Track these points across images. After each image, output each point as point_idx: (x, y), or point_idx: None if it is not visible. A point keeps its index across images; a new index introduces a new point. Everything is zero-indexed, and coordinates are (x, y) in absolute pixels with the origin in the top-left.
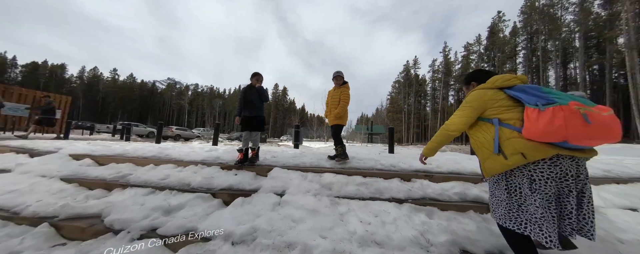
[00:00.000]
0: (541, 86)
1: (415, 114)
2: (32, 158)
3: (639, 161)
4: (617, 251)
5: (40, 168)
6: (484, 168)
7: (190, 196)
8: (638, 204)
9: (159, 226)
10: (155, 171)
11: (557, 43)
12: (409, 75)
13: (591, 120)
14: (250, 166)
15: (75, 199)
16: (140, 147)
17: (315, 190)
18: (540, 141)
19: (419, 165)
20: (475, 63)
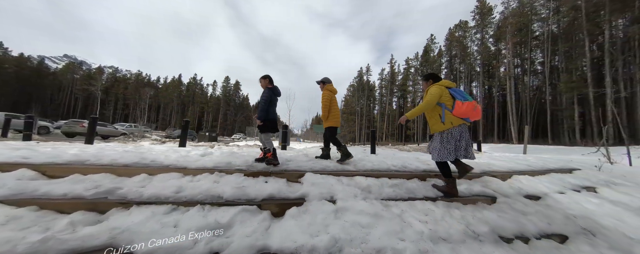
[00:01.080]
0: (459, 90)
1: (366, 116)
2: None
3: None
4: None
5: None
6: (433, 130)
7: (233, 211)
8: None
9: (220, 249)
10: (158, 183)
11: (466, 66)
12: (362, 81)
13: (474, 108)
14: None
15: (50, 228)
16: (94, 152)
17: (358, 193)
18: (459, 117)
19: (424, 165)
20: (412, 75)
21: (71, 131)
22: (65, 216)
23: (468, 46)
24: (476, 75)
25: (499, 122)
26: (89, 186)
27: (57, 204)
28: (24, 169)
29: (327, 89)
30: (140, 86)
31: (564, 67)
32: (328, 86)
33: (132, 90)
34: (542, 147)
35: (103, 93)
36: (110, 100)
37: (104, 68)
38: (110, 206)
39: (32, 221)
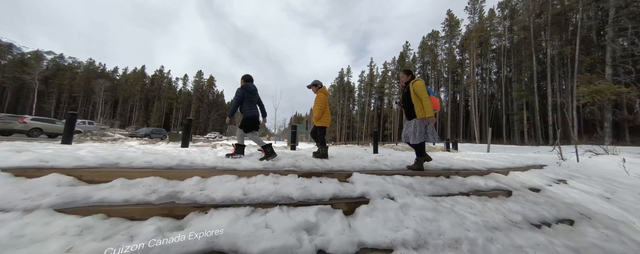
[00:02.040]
0: (430, 88)
1: (346, 116)
2: None
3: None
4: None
5: None
6: (420, 117)
7: (311, 210)
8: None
9: (324, 247)
10: (217, 185)
11: (435, 72)
12: (342, 82)
13: (438, 102)
14: (327, 172)
15: (137, 236)
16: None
17: (407, 191)
18: (434, 109)
19: (440, 164)
20: (389, 79)
21: (7, 129)
22: (141, 223)
23: (438, 54)
24: (444, 81)
25: (464, 123)
26: (147, 191)
27: (126, 211)
28: (56, 174)
29: (322, 92)
30: (92, 77)
31: (515, 78)
32: (322, 89)
33: (81, 82)
34: (500, 146)
35: (42, 83)
36: (52, 92)
37: (43, 54)
38: (187, 211)
39: (109, 229)
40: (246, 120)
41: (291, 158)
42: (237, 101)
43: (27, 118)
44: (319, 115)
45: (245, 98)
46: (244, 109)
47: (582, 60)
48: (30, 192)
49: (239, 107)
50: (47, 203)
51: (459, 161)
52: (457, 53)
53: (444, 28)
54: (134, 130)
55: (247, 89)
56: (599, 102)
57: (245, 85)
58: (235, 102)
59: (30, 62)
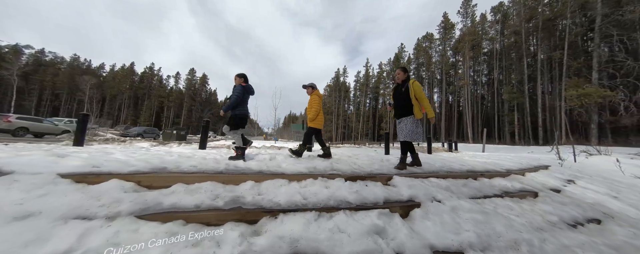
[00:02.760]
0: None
1: (342, 116)
2: None
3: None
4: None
5: (52, 208)
6: (417, 117)
7: (373, 214)
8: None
9: (401, 250)
10: (273, 189)
11: (429, 73)
12: (338, 82)
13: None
14: (369, 176)
15: (223, 242)
16: (147, 157)
17: (448, 194)
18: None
19: (465, 166)
20: (384, 79)
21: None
22: (221, 228)
23: (432, 56)
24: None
25: (456, 124)
26: (211, 196)
27: (201, 216)
28: (116, 180)
29: (317, 94)
30: (76, 73)
31: (506, 80)
32: (317, 92)
33: (64, 78)
34: (493, 146)
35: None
36: (33, 88)
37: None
38: (258, 216)
39: (194, 235)
40: (236, 118)
41: (328, 162)
42: (237, 99)
43: (12, 117)
44: (313, 117)
45: (244, 99)
46: (237, 107)
47: (569, 64)
48: (102, 199)
49: (236, 103)
50: (126, 210)
51: (473, 162)
52: (451, 55)
53: (439, 30)
54: (124, 129)
55: (248, 90)
56: (586, 104)
57: (246, 86)
58: (235, 99)
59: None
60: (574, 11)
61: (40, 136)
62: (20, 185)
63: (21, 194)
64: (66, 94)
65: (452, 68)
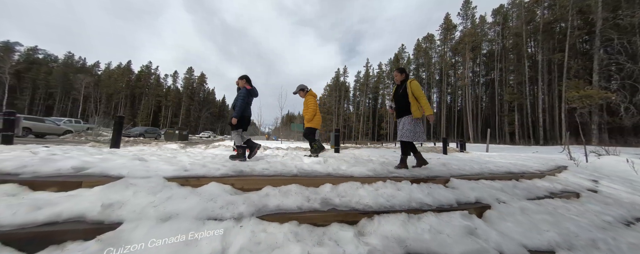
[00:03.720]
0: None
1: (342, 116)
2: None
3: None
4: None
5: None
6: (415, 116)
7: (456, 215)
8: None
9: (502, 250)
10: (352, 191)
11: (428, 74)
12: (338, 81)
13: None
14: (429, 178)
15: (341, 241)
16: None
17: (509, 196)
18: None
19: (502, 168)
20: (384, 79)
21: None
22: (330, 229)
23: (432, 56)
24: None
25: (457, 123)
26: (302, 198)
27: (308, 217)
28: (216, 183)
29: (311, 95)
30: (70, 72)
31: (506, 81)
32: (310, 92)
33: (58, 76)
34: (495, 146)
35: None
36: (26, 87)
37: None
38: (356, 217)
39: (312, 235)
40: (244, 120)
41: (363, 165)
42: (244, 102)
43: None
44: (310, 117)
45: (248, 101)
46: (245, 110)
47: (570, 66)
48: (218, 201)
49: (244, 108)
50: (246, 212)
51: (500, 163)
52: (450, 56)
53: (440, 31)
54: (126, 129)
55: (251, 93)
56: (588, 105)
57: (251, 90)
58: (243, 103)
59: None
60: (574, 14)
61: (42, 136)
62: (139, 188)
63: (149, 197)
64: (60, 93)
65: (451, 68)
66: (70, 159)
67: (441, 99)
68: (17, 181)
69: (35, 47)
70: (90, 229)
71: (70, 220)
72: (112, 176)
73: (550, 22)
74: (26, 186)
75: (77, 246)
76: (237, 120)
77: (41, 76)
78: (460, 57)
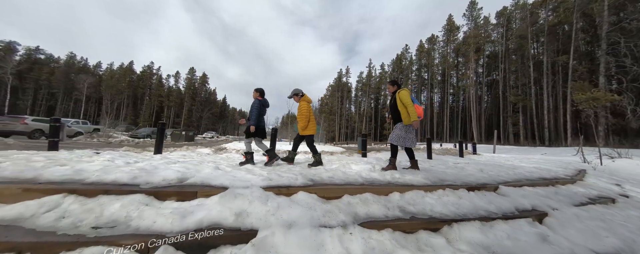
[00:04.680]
0: (413, 96)
1: (345, 116)
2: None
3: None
4: None
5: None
6: (405, 122)
7: (522, 222)
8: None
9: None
10: (421, 199)
11: (430, 74)
12: (340, 82)
13: (422, 110)
14: (480, 186)
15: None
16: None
17: (556, 203)
18: (420, 116)
19: (534, 173)
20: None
21: (6, 130)
22: (420, 235)
23: (435, 57)
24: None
25: (461, 125)
26: (384, 207)
27: (397, 225)
28: (303, 192)
29: (305, 100)
30: (73, 72)
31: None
32: (305, 97)
33: (60, 77)
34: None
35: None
36: (28, 87)
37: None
38: (438, 224)
39: (407, 243)
40: (259, 129)
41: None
42: (257, 112)
43: (27, 119)
44: (304, 125)
45: (260, 112)
46: (259, 120)
47: (575, 68)
48: (317, 210)
49: (257, 117)
50: (348, 220)
51: (524, 167)
52: (452, 57)
53: (444, 32)
54: (136, 132)
55: (263, 104)
56: (594, 108)
57: (263, 101)
58: (256, 113)
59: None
60: (578, 17)
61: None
62: (249, 198)
63: (263, 206)
64: (62, 93)
65: (454, 69)
66: (167, 170)
67: (444, 100)
68: (143, 191)
69: (37, 47)
70: (232, 236)
71: (211, 227)
72: (215, 186)
73: (554, 25)
74: (152, 196)
75: (233, 250)
76: (248, 127)
77: (43, 76)
78: (463, 58)
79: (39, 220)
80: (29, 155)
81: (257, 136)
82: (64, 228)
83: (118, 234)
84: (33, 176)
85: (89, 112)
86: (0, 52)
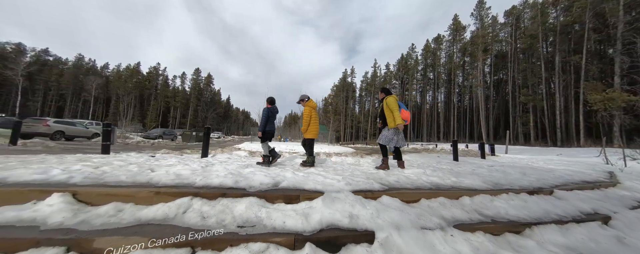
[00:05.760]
0: (401, 102)
1: (350, 116)
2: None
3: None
4: None
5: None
6: (390, 126)
7: (595, 225)
8: None
9: None
10: (490, 203)
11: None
12: (345, 82)
13: (408, 115)
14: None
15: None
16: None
17: (611, 205)
18: (403, 120)
19: (563, 178)
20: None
21: (30, 132)
22: (506, 238)
23: (441, 57)
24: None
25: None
26: (462, 210)
27: (485, 228)
28: (387, 196)
29: (309, 105)
30: (81, 73)
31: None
32: (309, 102)
33: (69, 78)
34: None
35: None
36: (38, 88)
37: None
38: (518, 228)
39: (501, 245)
40: (265, 133)
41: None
42: (265, 119)
43: (49, 121)
44: (305, 128)
45: (269, 118)
46: (266, 125)
47: (588, 68)
48: (409, 213)
49: (265, 123)
50: (443, 223)
51: (558, 170)
52: (458, 57)
53: (450, 32)
54: (149, 133)
55: (271, 111)
56: (610, 108)
57: (271, 108)
58: (265, 119)
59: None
60: (591, 17)
61: (71, 139)
62: (347, 201)
63: (364, 209)
64: (71, 94)
65: (461, 69)
66: (256, 175)
67: (449, 99)
68: (254, 195)
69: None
70: (352, 236)
71: (329, 228)
72: (309, 190)
73: (567, 24)
74: (264, 199)
75: (362, 249)
76: (262, 134)
77: (53, 78)
78: (469, 58)
79: (185, 220)
80: (108, 159)
81: (267, 140)
82: (213, 226)
83: (264, 233)
84: (146, 181)
85: (97, 112)
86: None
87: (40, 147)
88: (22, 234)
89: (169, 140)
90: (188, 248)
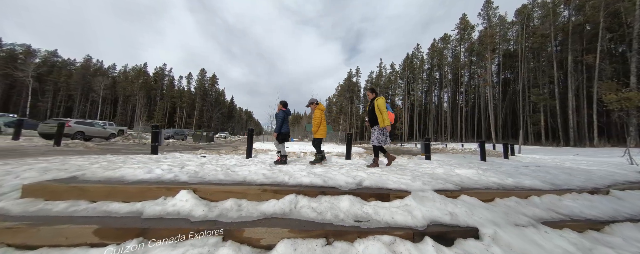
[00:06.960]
0: (388, 104)
1: (355, 116)
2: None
3: None
4: None
5: None
6: (381, 126)
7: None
8: None
9: None
10: (558, 202)
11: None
12: (350, 82)
13: (394, 116)
14: None
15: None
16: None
17: None
18: (391, 121)
19: (605, 180)
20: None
21: (52, 133)
22: (592, 234)
23: (447, 56)
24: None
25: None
26: (536, 210)
27: (571, 226)
28: (466, 195)
29: (319, 108)
30: (89, 74)
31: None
32: (319, 106)
33: (78, 79)
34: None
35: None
36: (47, 89)
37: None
38: (597, 226)
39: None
40: (280, 134)
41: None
42: (281, 121)
43: (71, 121)
44: (315, 129)
45: (284, 120)
46: (283, 127)
47: (602, 68)
48: (495, 211)
49: (280, 125)
50: (528, 221)
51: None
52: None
53: (457, 32)
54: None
55: (286, 113)
56: (626, 108)
57: (286, 111)
58: (280, 122)
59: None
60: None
61: (89, 139)
62: (433, 200)
63: (455, 207)
64: (79, 95)
65: (466, 68)
66: (338, 175)
67: (455, 99)
68: (349, 193)
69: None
70: (457, 231)
71: (433, 223)
72: (394, 189)
73: (580, 24)
74: (359, 197)
75: (474, 243)
76: (278, 134)
77: (62, 79)
78: (477, 57)
79: (302, 214)
80: (181, 160)
81: (283, 141)
82: (332, 220)
83: (382, 227)
84: (242, 180)
85: (104, 112)
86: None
87: (82, 148)
88: (182, 225)
89: (180, 140)
90: (323, 239)
